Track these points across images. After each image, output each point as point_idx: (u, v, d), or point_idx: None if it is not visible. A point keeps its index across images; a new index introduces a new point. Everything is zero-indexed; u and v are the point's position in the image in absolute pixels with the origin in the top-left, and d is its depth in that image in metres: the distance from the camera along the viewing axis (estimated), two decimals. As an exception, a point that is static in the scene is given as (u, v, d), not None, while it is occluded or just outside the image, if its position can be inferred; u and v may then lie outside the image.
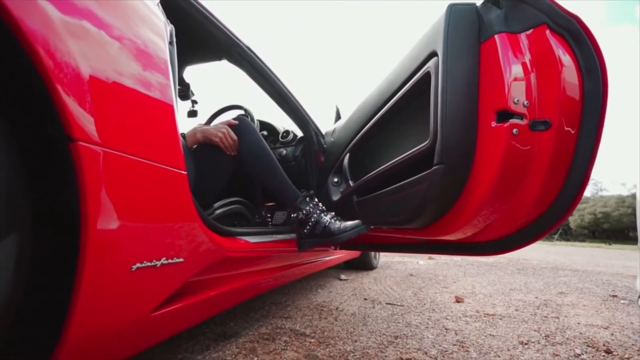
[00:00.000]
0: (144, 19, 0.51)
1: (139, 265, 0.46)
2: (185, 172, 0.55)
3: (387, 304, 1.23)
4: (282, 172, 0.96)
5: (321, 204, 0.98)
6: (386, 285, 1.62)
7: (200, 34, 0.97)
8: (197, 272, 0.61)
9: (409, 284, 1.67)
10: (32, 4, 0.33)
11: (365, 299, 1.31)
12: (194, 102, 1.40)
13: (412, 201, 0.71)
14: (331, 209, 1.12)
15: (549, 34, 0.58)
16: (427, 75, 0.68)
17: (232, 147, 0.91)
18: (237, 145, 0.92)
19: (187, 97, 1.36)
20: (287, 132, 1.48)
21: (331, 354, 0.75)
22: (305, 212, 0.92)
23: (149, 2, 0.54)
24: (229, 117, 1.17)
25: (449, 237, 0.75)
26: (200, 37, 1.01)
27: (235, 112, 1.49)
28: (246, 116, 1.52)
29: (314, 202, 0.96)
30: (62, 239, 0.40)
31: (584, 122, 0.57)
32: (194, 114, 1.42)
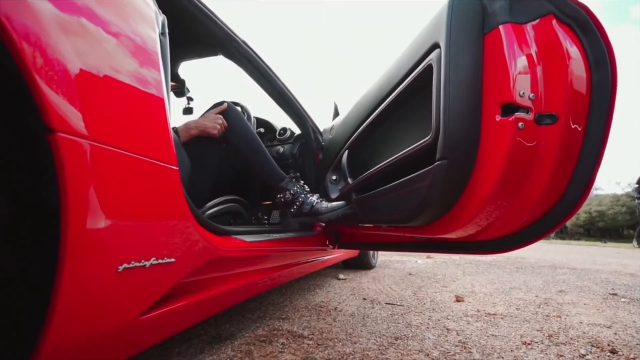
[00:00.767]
0: (133, 6, 0.48)
1: (126, 265, 0.43)
2: (176, 168, 0.53)
3: (386, 303, 1.21)
4: (268, 155, 0.99)
5: (307, 186, 1.02)
6: (385, 284, 1.60)
7: (194, 27, 0.94)
8: (190, 273, 0.58)
9: (408, 283, 1.65)
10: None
11: (364, 299, 1.28)
12: (190, 99, 1.37)
13: (413, 198, 0.68)
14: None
15: (555, 24, 0.56)
16: (429, 67, 0.65)
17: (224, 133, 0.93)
18: (227, 130, 0.94)
19: (183, 94, 1.33)
20: (284, 130, 1.46)
21: (330, 357, 0.73)
22: (292, 192, 0.97)
23: (138, -12, 0.51)
24: None
25: (451, 236, 0.73)
26: (194, 31, 0.98)
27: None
28: (243, 113, 1.49)
29: (300, 184, 1.00)
30: (42, 237, 0.37)
31: (591, 116, 0.55)
32: (189, 111, 1.39)
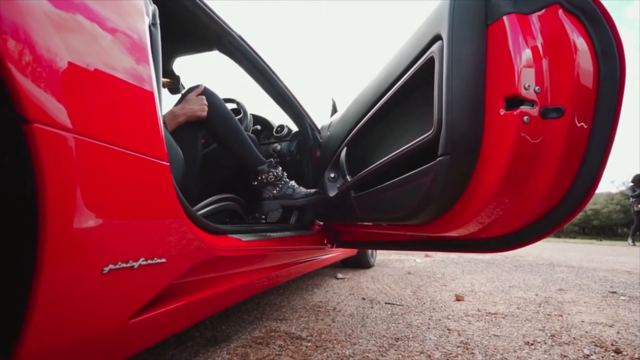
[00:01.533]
0: (119, -8, 0.45)
1: (112, 267, 0.41)
2: (167, 163, 0.50)
3: (386, 303, 1.20)
4: (247, 137, 1.00)
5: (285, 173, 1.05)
6: (384, 283, 1.59)
7: (189, 21, 0.91)
8: (182, 274, 0.56)
9: (407, 282, 1.63)
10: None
11: (363, 299, 1.27)
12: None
13: (414, 196, 0.66)
14: (328, 205, 1.08)
15: (562, 14, 0.54)
16: (431, 60, 0.63)
17: None
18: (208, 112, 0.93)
19: (178, 91, 1.30)
20: (281, 127, 1.43)
21: (329, 359, 0.71)
22: (275, 174, 0.99)
23: (125, -27, 0.48)
24: None
25: (453, 234, 0.71)
26: (189, 25, 0.95)
27: (227, 106, 1.43)
28: (239, 110, 1.47)
29: (279, 169, 1.02)
30: (20, 237, 0.35)
31: (599, 109, 0.53)
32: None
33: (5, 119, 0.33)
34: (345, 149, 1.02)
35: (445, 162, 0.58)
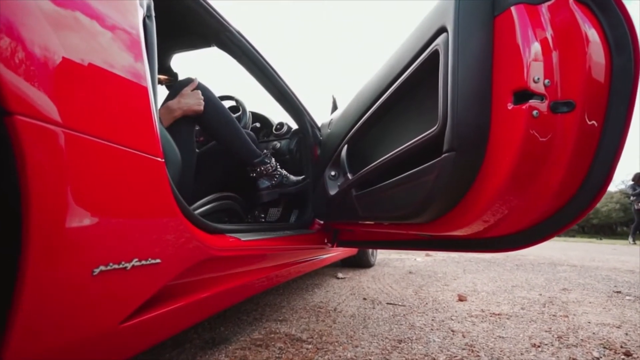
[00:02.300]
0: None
1: (102, 268, 0.39)
2: (161, 160, 0.48)
3: (387, 303, 1.18)
4: (242, 131, 1.01)
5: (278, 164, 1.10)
6: (385, 283, 1.57)
7: (186, 16, 0.89)
8: (178, 275, 0.54)
9: (408, 282, 1.61)
10: None
11: (364, 299, 1.25)
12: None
13: (418, 193, 0.64)
14: (328, 204, 1.06)
15: (572, 4, 0.51)
16: (435, 53, 0.61)
17: None
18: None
19: (176, 88, 1.27)
20: (281, 124, 1.41)
21: (330, 362, 0.69)
22: (272, 165, 1.03)
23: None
24: None
25: (457, 233, 0.69)
26: (186, 21, 0.93)
27: (226, 104, 1.40)
28: (238, 107, 1.44)
29: (273, 160, 1.06)
30: (3, 236, 0.33)
31: (612, 103, 0.51)
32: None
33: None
34: (346, 146, 1.00)
35: (450, 159, 0.56)
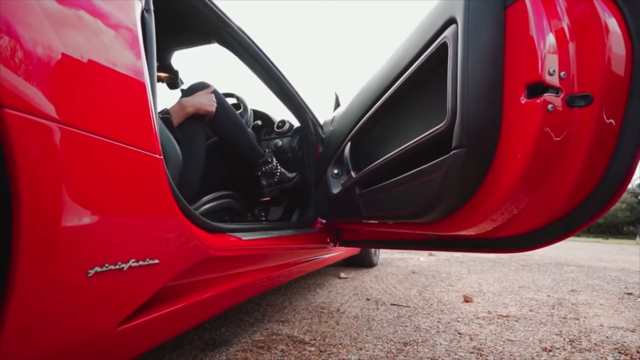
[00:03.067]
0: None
1: (97, 269, 0.37)
2: (160, 157, 0.46)
3: (391, 304, 1.16)
4: (249, 133, 1.06)
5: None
6: (388, 283, 1.55)
7: (186, 13, 0.87)
8: (177, 275, 0.52)
9: (412, 282, 1.59)
10: None
11: (367, 299, 1.23)
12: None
13: (425, 191, 0.62)
14: (331, 202, 1.04)
15: (590, -9, 0.49)
16: (444, 46, 0.59)
17: None
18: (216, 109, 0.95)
19: (177, 86, 1.26)
20: (282, 122, 1.39)
21: (334, 365, 0.67)
22: (273, 164, 1.08)
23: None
24: None
25: (466, 233, 0.67)
26: (186, 17, 0.91)
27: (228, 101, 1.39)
28: (239, 105, 1.43)
29: (273, 159, 1.12)
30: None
31: (632, 97, 0.48)
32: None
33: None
34: (349, 144, 0.97)
35: (459, 155, 0.53)
